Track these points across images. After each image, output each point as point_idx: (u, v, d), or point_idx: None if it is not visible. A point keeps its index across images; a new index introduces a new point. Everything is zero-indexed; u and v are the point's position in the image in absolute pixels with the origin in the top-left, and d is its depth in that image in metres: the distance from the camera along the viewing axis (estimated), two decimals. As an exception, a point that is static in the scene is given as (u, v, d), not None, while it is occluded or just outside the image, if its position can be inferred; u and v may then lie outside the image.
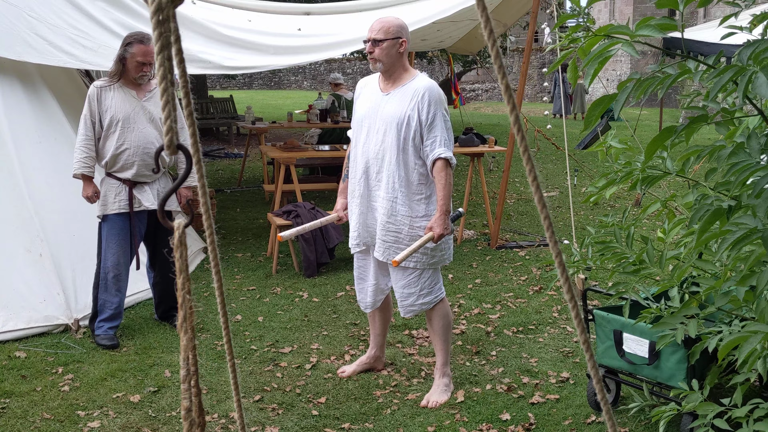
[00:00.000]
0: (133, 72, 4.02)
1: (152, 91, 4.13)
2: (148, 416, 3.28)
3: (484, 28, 0.63)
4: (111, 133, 4.04)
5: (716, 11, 18.63)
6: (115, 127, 4.03)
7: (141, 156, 4.08)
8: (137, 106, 4.07)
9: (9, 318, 4.11)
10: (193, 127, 0.67)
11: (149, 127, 4.10)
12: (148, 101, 4.10)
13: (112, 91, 4.03)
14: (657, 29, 1.30)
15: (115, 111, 4.02)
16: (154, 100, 4.13)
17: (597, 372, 0.72)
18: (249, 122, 9.52)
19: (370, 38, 3.34)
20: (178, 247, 0.71)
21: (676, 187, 7.98)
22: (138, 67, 4.00)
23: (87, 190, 4.06)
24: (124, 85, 4.06)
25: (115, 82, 4.03)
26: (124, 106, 4.04)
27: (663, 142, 1.41)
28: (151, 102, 4.11)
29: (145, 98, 4.10)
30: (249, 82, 31.14)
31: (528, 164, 0.64)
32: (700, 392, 2.47)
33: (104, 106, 4.02)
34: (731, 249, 1.39)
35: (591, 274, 5.30)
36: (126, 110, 4.04)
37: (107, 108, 4.02)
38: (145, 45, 3.98)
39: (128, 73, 4.02)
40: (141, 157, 4.08)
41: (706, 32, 7.99)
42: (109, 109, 4.02)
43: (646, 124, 15.64)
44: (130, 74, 4.03)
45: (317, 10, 7.14)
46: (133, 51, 3.97)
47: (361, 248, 3.53)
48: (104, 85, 4.05)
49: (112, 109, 4.02)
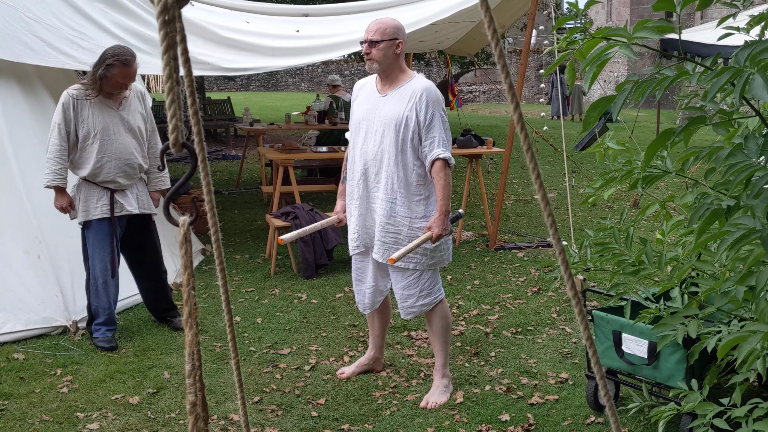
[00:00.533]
0: (110, 89, 3.95)
1: (128, 99, 4.07)
2: (147, 418, 3.28)
3: (488, 28, 0.63)
4: (88, 144, 3.96)
5: (713, 12, 18.67)
6: (93, 139, 3.95)
7: (122, 167, 4.04)
8: (115, 116, 4.01)
9: (7, 320, 4.10)
10: (198, 126, 0.67)
11: (128, 137, 4.05)
12: (124, 110, 4.05)
13: (89, 102, 3.95)
14: (654, 31, 1.30)
15: (92, 123, 3.95)
16: (129, 108, 4.07)
17: (600, 369, 0.73)
18: (247, 124, 9.52)
19: (366, 39, 3.34)
20: (183, 243, 0.71)
21: (674, 188, 8.00)
22: (117, 86, 3.94)
23: (61, 200, 3.99)
24: (101, 96, 3.98)
25: (93, 97, 3.94)
26: (102, 118, 3.97)
27: (662, 144, 1.42)
28: (127, 110, 4.06)
29: (121, 107, 4.04)
30: (246, 83, 31.14)
31: (531, 162, 0.64)
32: (699, 392, 2.48)
33: (81, 116, 3.94)
34: (730, 249, 1.39)
35: (589, 275, 5.31)
36: (104, 122, 3.97)
37: (83, 119, 3.94)
38: (127, 68, 3.89)
39: (105, 88, 3.94)
40: (122, 168, 4.04)
41: (703, 33, 8.00)
42: (85, 121, 3.94)
43: (643, 125, 15.67)
44: (107, 89, 3.95)
45: (315, 12, 7.15)
46: (115, 72, 3.87)
47: (360, 250, 3.53)
48: (80, 95, 3.95)
49: (89, 120, 3.94)
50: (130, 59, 3.91)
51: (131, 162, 4.07)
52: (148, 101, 4.31)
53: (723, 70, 1.37)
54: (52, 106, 4.83)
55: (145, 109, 4.21)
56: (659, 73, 1.39)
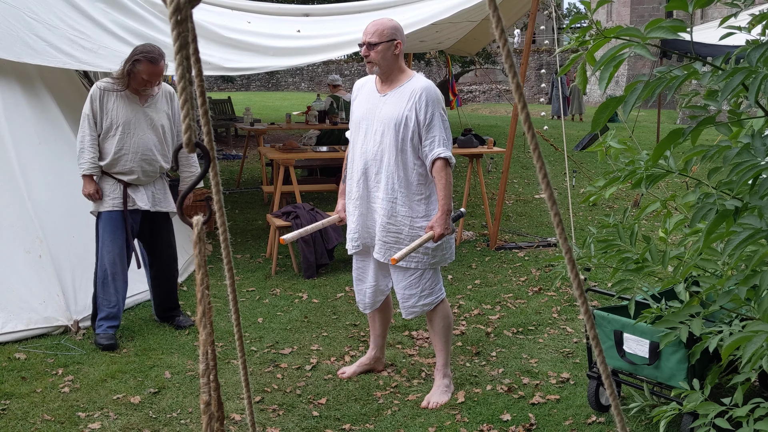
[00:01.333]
0: (136, 85, 4.01)
1: (155, 97, 4.12)
2: (148, 417, 3.28)
3: (495, 28, 0.63)
4: (110, 136, 4.03)
5: (714, 12, 18.68)
6: (114, 131, 4.02)
7: (139, 162, 4.08)
8: (139, 111, 4.07)
9: (9, 319, 4.10)
10: (207, 126, 0.67)
11: (149, 133, 4.10)
12: (150, 107, 4.10)
13: (116, 94, 4.02)
14: (669, 31, 1.30)
15: (115, 115, 4.01)
16: (155, 106, 4.12)
17: (606, 368, 0.73)
18: (247, 124, 9.52)
19: (364, 42, 3.34)
20: (197, 243, 0.71)
21: (675, 188, 8.00)
22: (142, 83, 4.00)
23: (89, 187, 4.05)
24: (128, 90, 4.05)
25: (121, 90, 4.02)
26: (126, 112, 4.03)
27: (671, 143, 1.42)
28: (153, 108, 4.11)
29: (146, 104, 4.09)
30: (247, 83, 31.14)
31: (538, 162, 0.64)
32: (700, 392, 2.48)
33: (106, 108, 4.02)
34: (736, 249, 1.39)
35: (590, 275, 5.31)
36: (127, 115, 4.03)
37: (108, 111, 4.01)
38: (153, 65, 3.95)
39: (132, 83, 4.01)
40: (139, 162, 4.08)
41: (705, 33, 8.01)
42: (109, 113, 4.01)
43: (643, 125, 15.67)
44: (133, 85, 4.02)
45: (316, 12, 7.15)
46: (140, 69, 3.94)
47: (359, 249, 3.53)
48: (108, 88, 4.03)
49: (113, 112, 4.01)
50: (157, 57, 3.97)
51: (149, 158, 4.10)
52: (176, 103, 4.33)
53: (735, 71, 1.37)
54: (53, 105, 4.84)
55: (172, 110, 4.24)
56: (669, 72, 1.39)
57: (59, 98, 4.91)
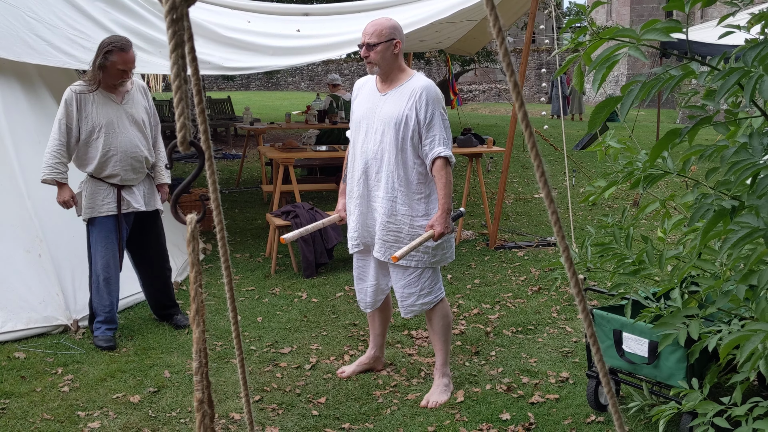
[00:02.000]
0: (112, 79, 3.95)
1: (130, 93, 4.08)
2: (148, 416, 3.28)
3: (492, 26, 0.64)
4: (93, 140, 3.97)
5: (713, 12, 18.67)
6: (97, 133, 3.96)
7: (128, 161, 4.04)
8: (119, 110, 4.02)
9: (8, 319, 4.11)
10: (204, 125, 0.67)
11: (133, 130, 4.06)
12: (127, 104, 4.05)
13: (92, 96, 3.95)
14: (663, 32, 1.30)
15: (96, 117, 3.95)
16: (132, 102, 4.08)
17: (604, 366, 0.73)
18: (247, 123, 9.53)
19: (364, 42, 3.34)
20: (191, 241, 0.71)
21: (674, 188, 8.00)
22: (118, 74, 3.93)
23: (63, 195, 3.98)
24: (103, 90, 3.99)
25: (95, 89, 3.95)
26: (106, 112, 3.97)
27: (668, 144, 1.42)
28: (130, 104, 4.06)
29: (124, 101, 4.05)
30: (246, 83, 31.15)
31: (536, 160, 0.64)
32: (699, 391, 2.48)
33: (84, 112, 3.95)
34: (733, 248, 1.39)
35: (590, 274, 5.31)
36: (108, 115, 3.97)
37: (87, 114, 3.95)
38: (125, 53, 3.89)
39: (107, 79, 3.94)
40: (128, 162, 4.04)
41: (704, 33, 8.01)
42: (89, 116, 3.95)
43: (643, 124, 15.67)
44: (109, 80, 3.95)
45: (316, 11, 7.15)
46: (114, 59, 3.88)
47: (359, 248, 3.53)
48: (83, 90, 3.96)
49: (93, 115, 3.95)
50: (127, 45, 3.92)
51: (137, 155, 4.07)
52: (150, 95, 4.33)
53: (731, 71, 1.37)
54: (53, 105, 4.84)
55: (149, 103, 4.22)
56: (666, 72, 1.39)
57: (59, 98, 4.88)
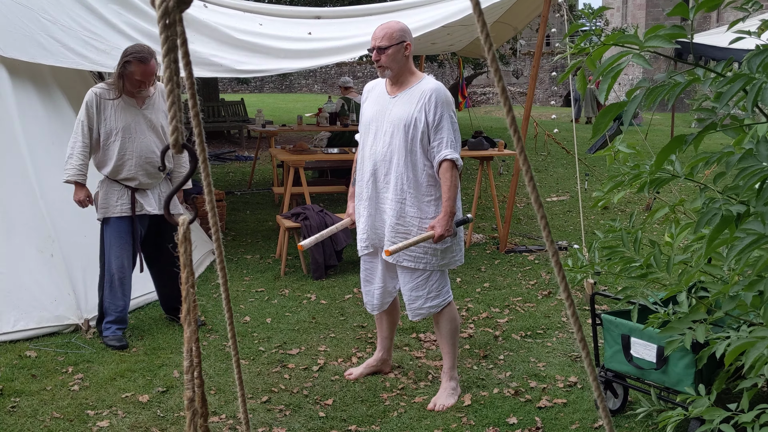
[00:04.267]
0: (131, 87, 3.99)
1: (152, 98, 4.11)
2: (156, 416, 3.30)
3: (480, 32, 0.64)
4: (111, 143, 4.01)
5: (729, 15, 18.54)
6: (115, 137, 4.00)
7: (143, 165, 4.07)
8: (138, 114, 4.06)
9: (20, 318, 4.15)
10: (199, 128, 0.68)
11: (150, 135, 4.09)
12: (147, 109, 4.09)
13: (112, 100, 4.00)
14: (666, 39, 1.29)
15: (114, 121, 3.99)
16: (153, 107, 4.11)
17: (594, 370, 0.73)
18: (259, 125, 9.57)
19: (374, 46, 3.35)
20: (183, 242, 0.72)
21: (686, 192, 7.95)
22: (137, 84, 3.98)
23: (79, 194, 4.04)
24: (124, 94, 4.03)
25: (117, 96, 3.99)
26: (125, 116, 4.02)
27: (673, 150, 1.41)
28: (150, 110, 4.10)
29: (144, 106, 4.08)
30: (260, 85, 31.29)
31: (525, 165, 0.65)
32: (707, 397, 2.46)
33: (103, 115, 3.99)
34: (739, 255, 1.38)
35: (600, 278, 5.28)
36: (126, 120, 4.02)
37: (106, 117, 3.99)
38: (144, 65, 3.92)
39: (127, 86, 3.99)
40: (144, 166, 4.07)
41: (718, 37, 7.95)
42: (108, 119, 3.99)
43: (658, 128, 15.58)
44: (129, 88, 4.00)
45: (327, 14, 7.17)
46: (132, 70, 3.92)
47: (369, 250, 3.54)
48: (105, 94, 4.00)
49: (112, 118, 3.99)
50: (147, 57, 3.94)
51: (153, 160, 4.10)
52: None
53: (735, 77, 1.36)
54: (66, 106, 4.89)
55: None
56: (671, 79, 1.38)
57: (72, 99, 4.96)
